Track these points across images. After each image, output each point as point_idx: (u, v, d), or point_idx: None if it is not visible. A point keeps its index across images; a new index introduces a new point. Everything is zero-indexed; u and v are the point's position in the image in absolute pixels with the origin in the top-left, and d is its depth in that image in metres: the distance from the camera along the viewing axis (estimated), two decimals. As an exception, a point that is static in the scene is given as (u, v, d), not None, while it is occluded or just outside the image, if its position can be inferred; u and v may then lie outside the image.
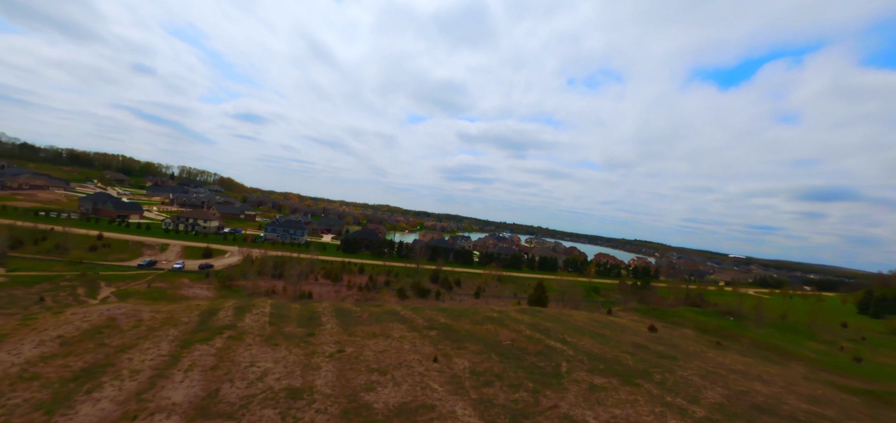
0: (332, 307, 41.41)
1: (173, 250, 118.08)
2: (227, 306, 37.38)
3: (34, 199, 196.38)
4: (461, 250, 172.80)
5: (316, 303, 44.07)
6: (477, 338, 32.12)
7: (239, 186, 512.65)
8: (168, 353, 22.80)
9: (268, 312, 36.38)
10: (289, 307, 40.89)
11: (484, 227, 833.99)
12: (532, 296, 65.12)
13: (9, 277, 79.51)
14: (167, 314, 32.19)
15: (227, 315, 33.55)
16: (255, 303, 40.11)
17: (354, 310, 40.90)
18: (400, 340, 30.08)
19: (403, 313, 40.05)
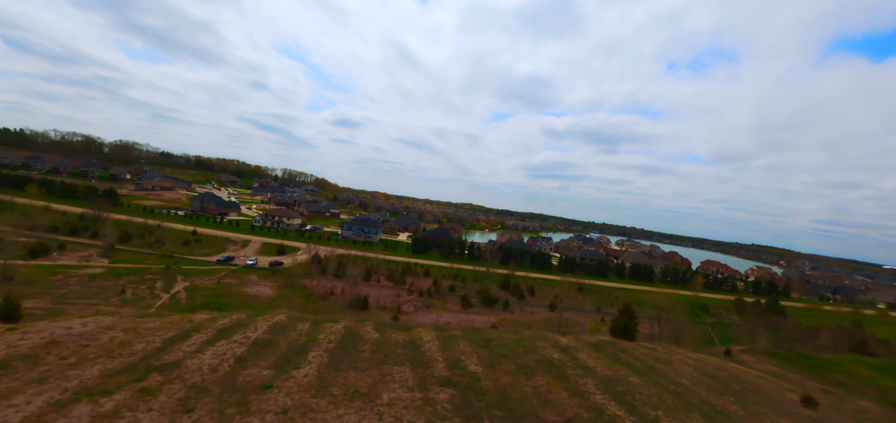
0: (341, 332, 33.02)
1: (252, 247, 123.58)
2: (213, 326, 30.92)
3: (161, 198, 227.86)
4: (538, 253, 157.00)
5: (329, 323, 36.43)
6: (512, 411, 20.73)
7: (332, 186, 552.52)
8: (36, 409, 15.68)
9: (254, 338, 28.93)
10: (291, 328, 33.36)
11: (570, 227, 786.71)
12: (616, 322, 50.01)
13: (106, 268, 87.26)
14: (132, 335, 26.30)
15: (197, 341, 26.70)
16: (250, 322, 33.50)
17: (366, 339, 32.07)
18: (387, 406, 20.23)
19: (425, 349, 30.00)
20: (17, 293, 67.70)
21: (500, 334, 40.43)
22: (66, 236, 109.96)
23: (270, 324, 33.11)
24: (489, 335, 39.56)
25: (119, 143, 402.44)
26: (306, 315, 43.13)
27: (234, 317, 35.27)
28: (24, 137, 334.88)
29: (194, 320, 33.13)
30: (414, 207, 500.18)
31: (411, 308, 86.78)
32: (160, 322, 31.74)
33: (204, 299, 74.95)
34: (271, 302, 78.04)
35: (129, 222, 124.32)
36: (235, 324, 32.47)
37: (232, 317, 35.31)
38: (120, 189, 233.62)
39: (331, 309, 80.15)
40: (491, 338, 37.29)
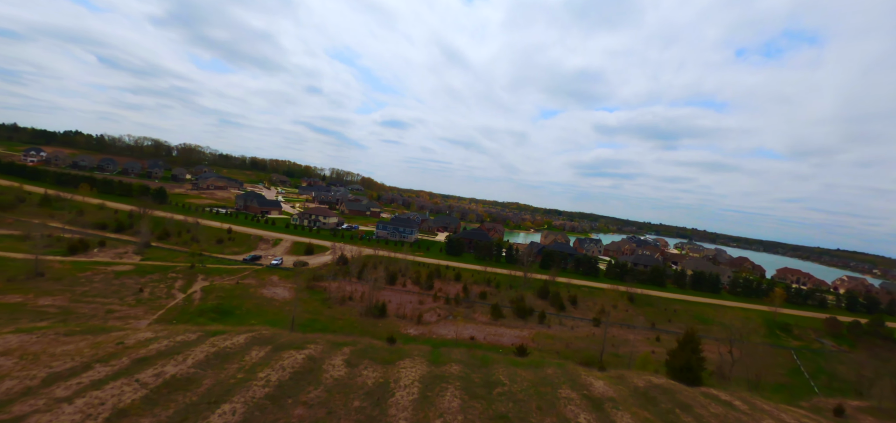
0: (297, 366, 25.41)
1: (282, 246, 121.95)
2: (135, 354, 24.53)
3: (213, 197, 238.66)
4: (584, 257, 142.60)
5: (293, 350, 29.13)
6: None
7: (378, 186, 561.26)
8: None
9: (171, 374, 22.11)
10: (237, 358, 26.36)
11: (622, 227, 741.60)
12: (675, 358, 38.22)
13: (135, 266, 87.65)
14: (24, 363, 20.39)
15: (91, 377, 20.21)
16: (192, 347, 26.87)
17: (322, 380, 24.22)
18: None
19: (394, 404, 21.67)
20: (39, 289, 68.03)
21: (512, 375, 30.98)
22: (112, 234, 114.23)
23: (214, 351, 26.25)
24: (495, 376, 30.19)
25: (184, 146, 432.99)
26: (282, 333, 36.26)
27: (179, 339, 28.86)
28: (102, 142, 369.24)
29: (125, 342, 27.03)
30: (458, 206, 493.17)
31: (434, 317, 78.66)
32: (83, 344, 25.75)
33: (217, 300, 71.90)
34: (282, 306, 73.41)
35: (170, 219, 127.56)
36: (169, 350, 25.87)
37: (176, 339, 28.93)
38: (177, 188, 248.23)
39: (346, 316, 74.19)
40: (496, 382, 27.83)
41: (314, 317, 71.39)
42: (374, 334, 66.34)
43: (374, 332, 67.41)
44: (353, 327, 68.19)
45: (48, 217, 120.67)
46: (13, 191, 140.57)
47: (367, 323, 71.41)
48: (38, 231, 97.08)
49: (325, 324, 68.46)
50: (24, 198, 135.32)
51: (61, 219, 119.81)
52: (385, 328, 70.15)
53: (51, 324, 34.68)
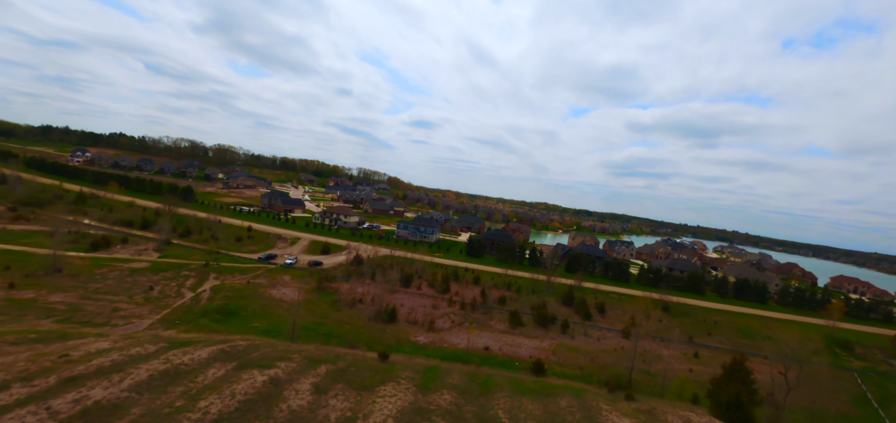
0: (251, 392, 21.23)
1: (300, 245, 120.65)
2: (60, 373, 21.18)
3: (241, 195, 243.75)
4: (614, 261, 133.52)
5: (255, 370, 25.02)
6: None
7: (404, 185, 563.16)
8: None
9: (93, 400, 18.47)
10: (186, 378, 22.55)
11: (657, 229, 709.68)
12: (720, 391, 31.32)
13: (151, 263, 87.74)
14: None
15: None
16: (136, 362, 23.29)
17: (273, 415, 19.88)
18: None
19: None
20: (54, 285, 68.16)
21: (515, 410, 25.61)
22: (137, 231, 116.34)
23: (165, 369, 22.58)
24: (494, 410, 24.85)
25: (218, 146, 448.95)
26: (264, 345, 32.63)
27: (133, 352, 25.57)
28: (144, 144, 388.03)
29: (72, 355, 23.90)
30: (484, 206, 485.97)
31: (447, 324, 73.76)
32: (22, 356, 22.72)
33: (224, 300, 69.99)
34: (290, 308, 70.58)
35: (193, 217, 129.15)
36: (114, 366, 22.42)
37: (130, 352, 25.65)
38: (208, 187, 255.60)
39: (354, 320, 70.53)
40: (493, 420, 22.64)
41: (320, 320, 68.17)
42: (381, 342, 62.28)
43: (380, 339, 63.33)
44: (358, 334, 64.38)
45: (81, 214, 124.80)
46: (52, 189, 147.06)
47: (374, 329, 67.45)
48: (63, 227, 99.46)
49: (331, 329, 65.00)
50: (62, 195, 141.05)
51: (92, 216, 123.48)
52: (393, 335, 65.95)
53: (2, 332, 32.46)
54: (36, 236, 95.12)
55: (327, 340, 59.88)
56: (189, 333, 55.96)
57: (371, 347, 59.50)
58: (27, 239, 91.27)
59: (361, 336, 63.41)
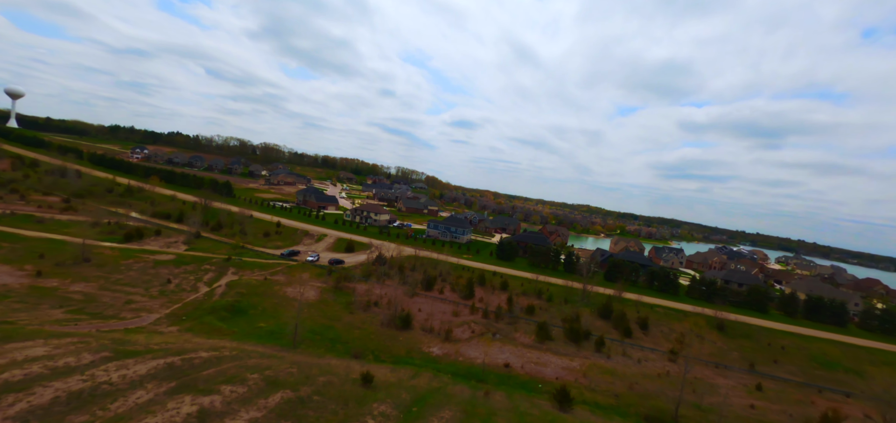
0: None
1: (326, 242, 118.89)
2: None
3: (280, 192, 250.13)
4: (661, 270, 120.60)
5: (236, 380, 20.23)
6: None
7: (442, 184, 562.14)
8: None
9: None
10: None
11: (710, 236, 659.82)
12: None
13: (177, 256, 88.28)
14: None
15: None
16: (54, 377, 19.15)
17: None
18: None
19: None
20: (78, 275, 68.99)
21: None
22: (174, 223, 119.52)
23: (84, 387, 18.27)
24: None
25: (264, 145, 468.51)
26: (246, 348, 28.21)
27: (65, 362, 21.62)
28: (197, 142, 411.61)
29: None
30: (523, 207, 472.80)
31: (466, 333, 67.33)
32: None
33: (236, 297, 67.95)
34: (302, 308, 67.24)
35: (227, 211, 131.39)
36: (21, 383, 18.35)
37: (61, 362, 21.74)
38: (251, 183, 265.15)
39: (366, 325, 65.93)
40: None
41: (330, 323, 64.19)
42: (390, 351, 57.12)
43: (390, 348, 58.17)
44: (367, 341, 59.62)
45: (126, 207, 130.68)
46: (105, 183, 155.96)
47: (386, 336, 62.45)
48: (103, 218, 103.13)
49: (339, 334, 60.73)
50: (112, 188, 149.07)
51: (135, 209, 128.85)
52: (405, 344, 60.58)
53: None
54: (78, 226, 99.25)
55: (332, 346, 55.57)
56: (188, 331, 53.73)
57: (377, 357, 54.47)
58: (69, 229, 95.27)
59: (370, 344, 58.61)
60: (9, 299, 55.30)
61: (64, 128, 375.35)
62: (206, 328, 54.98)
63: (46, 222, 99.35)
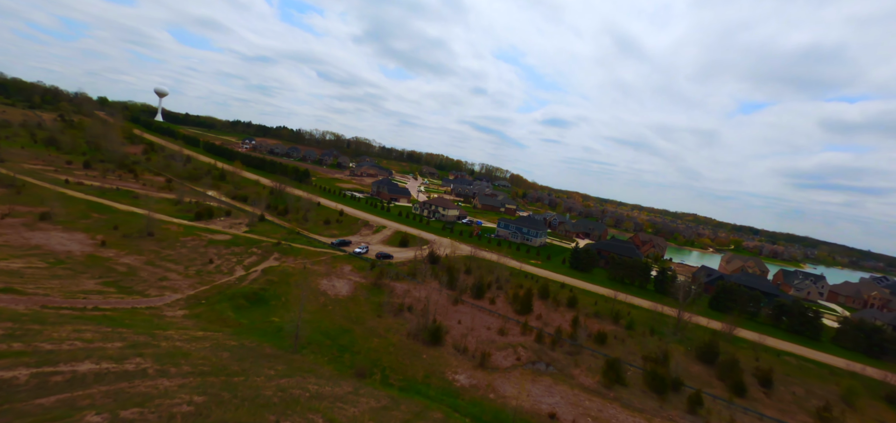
0: None
1: (382, 234, 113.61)
2: None
3: (360, 183, 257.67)
4: (794, 303, 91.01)
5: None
6: None
7: (526, 183, 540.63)
8: None
9: None
10: None
11: (860, 261, 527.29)
12: None
13: (234, 237, 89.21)
14: None
15: None
16: None
17: None
18: None
19: None
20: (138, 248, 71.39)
21: None
22: (247, 206, 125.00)
23: None
24: None
25: (355, 139, 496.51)
26: (228, 345, 20.58)
27: None
28: (299, 135, 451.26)
29: None
30: (614, 211, 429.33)
31: (509, 360, 53.87)
32: None
33: (264, 284, 64.03)
34: (330, 304, 60.43)
35: (297, 197, 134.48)
36: None
37: None
38: (336, 174, 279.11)
39: (391, 333, 56.53)
40: None
41: (350, 326, 56.18)
42: (405, 373, 46.73)
43: (406, 368, 47.80)
44: (384, 354, 50.11)
45: (216, 188, 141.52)
46: (206, 167, 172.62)
47: (407, 350, 52.27)
48: (185, 196, 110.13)
49: (353, 341, 52.24)
50: (210, 171, 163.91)
51: (222, 191, 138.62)
52: (427, 364, 49.65)
53: None
54: (161, 202, 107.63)
55: (339, 356, 47.17)
56: (195, 318, 49.77)
57: (385, 379, 44.51)
58: (158, 204, 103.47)
59: (386, 358, 48.98)
60: (59, 266, 57.33)
61: (197, 122, 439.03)
62: (215, 317, 50.76)
63: (141, 198, 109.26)
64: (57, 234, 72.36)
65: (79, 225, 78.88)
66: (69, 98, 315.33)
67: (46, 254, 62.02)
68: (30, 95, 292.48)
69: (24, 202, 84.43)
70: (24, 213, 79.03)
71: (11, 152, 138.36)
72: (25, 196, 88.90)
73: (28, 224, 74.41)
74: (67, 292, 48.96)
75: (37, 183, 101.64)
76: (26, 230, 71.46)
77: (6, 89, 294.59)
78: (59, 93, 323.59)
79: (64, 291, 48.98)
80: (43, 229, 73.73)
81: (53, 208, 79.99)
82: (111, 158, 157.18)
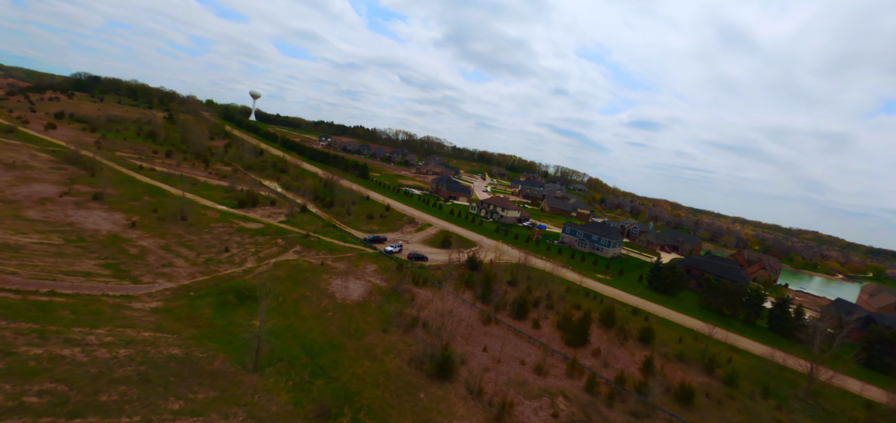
0: None
1: (425, 232, 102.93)
2: None
3: (423, 180, 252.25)
4: None
5: None
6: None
7: (606, 188, 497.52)
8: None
9: None
10: None
11: None
12: None
13: (265, 226, 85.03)
14: None
15: None
16: None
17: None
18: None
19: None
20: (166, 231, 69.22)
21: None
22: (299, 198, 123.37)
23: None
24: None
25: (426, 138, 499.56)
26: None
27: None
28: (373, 134, 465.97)
29: None
30: (710, 224, 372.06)
31: (543, 416, 38.60)
32: None
33: (269, 279, 56.46)
34: (333, 309, 50.68)
35: (348, 190, 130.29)
36: None
37: None
38: (402, 171, 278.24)
39: (389, 355, 44.65)
40: None
41: (341, 341, 45.55)
42: (387, 418, 34.44)
43: (386, 412, 35.37)
44: (368, 385, 38.40)
45: (274, 179, 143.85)
46: (272, 159, 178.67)
47: (402, 384, 39.86)
48: (235, 184, 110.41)
49: (337, 361, 41.36)
50: (275, 163, 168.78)
51: (281, 182, 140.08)
52: (421, 410, 36.73)
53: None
54: (220, 190, 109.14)
55: (311, 381, 36.63)
56: (166, 313, 42.99)
57: (352, 427, 32.62)
58: (209, 191, 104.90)
59: (369, 392, 37.23)
60: (73, 244, 55.48)
61: (285, 122, 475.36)
62: (187, 314, 43.72)
63: (199, 184, 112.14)
64: (99, 213, 73.53)
65: (124, 206, 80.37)
66: (181, 100, 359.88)
67: (73, 232, 61.68)
68: (151, 97, 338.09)
69: (86, 183, 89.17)
70: (82, 192, 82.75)
71: (114, 142, 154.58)
72: (97, 179, 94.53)
73: (80, 203, 77.01)
74: (54, 271, 45.60)
75: (114, 167, 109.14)
76: (74, 208, 73.56)
77: (134, 93, 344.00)
78: (174, 96, 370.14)
79: (52, 270, 45.70)
80: (90, 208, 75.68)
81: (107, 190, 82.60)
82: (193, 150, 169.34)
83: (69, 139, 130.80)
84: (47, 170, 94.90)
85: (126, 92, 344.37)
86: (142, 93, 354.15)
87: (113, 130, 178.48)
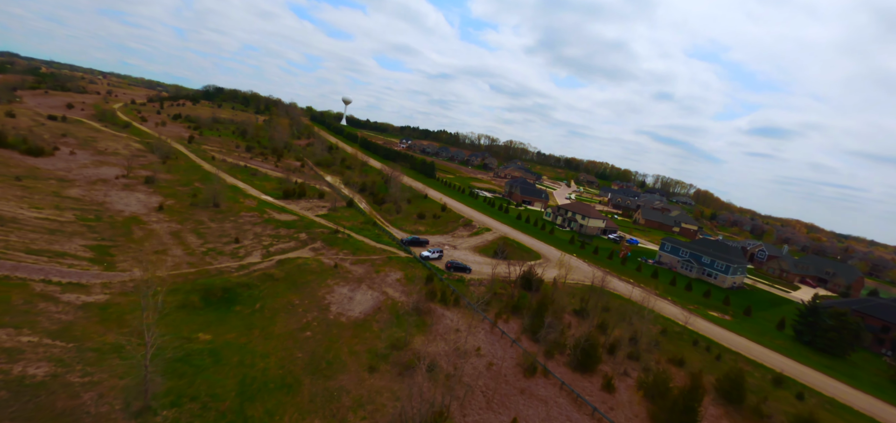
0: None
1: (482, 237, 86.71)
2: None
3: (498, 183, 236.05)
4: None
5: None
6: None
7: (716, 202, 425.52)
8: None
9: None
10: None
11: None
12: None
13: (297, 218, 77.18)
14: None
15: None
16: None
17: None
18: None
19: None
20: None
21: None
22: (354, 192, 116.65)
23: None
24: None
25: (509, 142, 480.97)
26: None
27: None
28: (455, 138, 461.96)
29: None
30: (864, 252, 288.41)
31: None
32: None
33: (260, 280, 46.19)
34: (300, 329, 37.95)
35: (405, 187, 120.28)
36: None
37: None
38: (479, 174, 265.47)
39: (363, 415, 29.83)
40: None
41: (298, 382, 31.95)
42: None
43: None
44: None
45: (338, 174, 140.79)
46: (341, 155, 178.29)
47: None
48: (289, 175, 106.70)
49: (275, 417, 27.66)
50: (344, 159, 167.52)
51: (344, 177, 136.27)
52: None
53: None
54: (275, 181, 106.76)
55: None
56: (96, 312, 33.93)
57: None
58: (263, 182, 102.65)
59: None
60: (79, 222, 51.55)
61: (373, 126, 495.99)
62: (123, 317, 34.13)
63: (259, 175, 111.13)
64: (138, 195, 72.41)
65: (168, 191, 79.18)
66: (283, 107, 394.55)
67: (93, 211, 59.13)
68: (258, 104, 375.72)
69: (148, 168, 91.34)
70: (138, 176, 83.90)
71: (206, 138, 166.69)
72: (160, 165, 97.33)
73: (129, 186, 77.27)
74: (24, 248, 40.18)
75: (190, 157, 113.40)
76: (120, 190, 73.42)
77: (247, 101, 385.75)
78: (279, 103, 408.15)
79: (22, 248, 40.37)
80: (135, 190, 75.23)
81: (157, 175, 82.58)
82: (273, 146, 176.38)
83: (171, 135, 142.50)
84: (128, 156, 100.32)
85: (241, 100, 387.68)
86: (253, 100, 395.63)
87: (213, 129, 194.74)
